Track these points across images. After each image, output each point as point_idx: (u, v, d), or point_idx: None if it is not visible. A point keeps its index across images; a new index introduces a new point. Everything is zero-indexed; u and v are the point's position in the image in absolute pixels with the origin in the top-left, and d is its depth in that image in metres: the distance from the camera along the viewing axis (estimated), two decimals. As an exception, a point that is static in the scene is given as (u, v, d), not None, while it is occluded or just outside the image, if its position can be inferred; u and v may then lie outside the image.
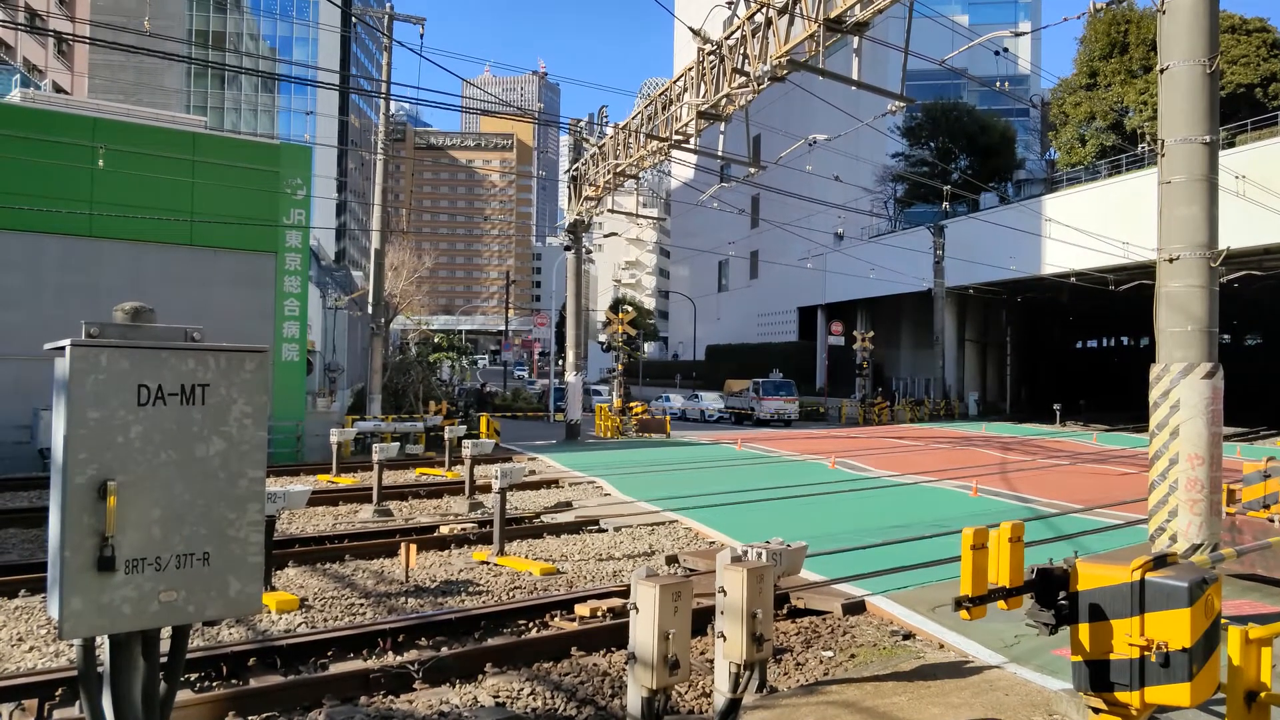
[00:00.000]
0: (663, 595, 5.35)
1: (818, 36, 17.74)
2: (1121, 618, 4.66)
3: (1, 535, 14.24)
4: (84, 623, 3.51)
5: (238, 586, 3.89)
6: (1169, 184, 9.76)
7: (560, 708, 7.18)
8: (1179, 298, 9.61)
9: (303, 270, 27.26)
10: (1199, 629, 4.51)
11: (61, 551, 3.48)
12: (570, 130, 35.68)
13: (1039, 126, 79.14)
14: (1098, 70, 58.62)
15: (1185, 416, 9.44)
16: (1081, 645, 4.81)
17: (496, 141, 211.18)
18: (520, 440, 32.00)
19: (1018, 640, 8.06)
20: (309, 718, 6.86)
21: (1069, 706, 6.38)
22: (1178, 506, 9.46)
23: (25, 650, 8.45)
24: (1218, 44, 9.71)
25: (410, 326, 69.29)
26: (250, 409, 3.93)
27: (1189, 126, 9.62)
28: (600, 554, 13.16)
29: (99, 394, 3.55)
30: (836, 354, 65.82)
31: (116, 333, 3.71)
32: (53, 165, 22.75)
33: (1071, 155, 60.73)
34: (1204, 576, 4.64)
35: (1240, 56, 52.39)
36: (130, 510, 3.60)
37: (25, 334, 21.68)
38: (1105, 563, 4.84)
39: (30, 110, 24.68)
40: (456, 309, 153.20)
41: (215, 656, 7.72)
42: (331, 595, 10.57)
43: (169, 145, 24.96)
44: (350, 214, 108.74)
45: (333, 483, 20.68)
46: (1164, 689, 4.55)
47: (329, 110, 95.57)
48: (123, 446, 3.60)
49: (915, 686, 7.10)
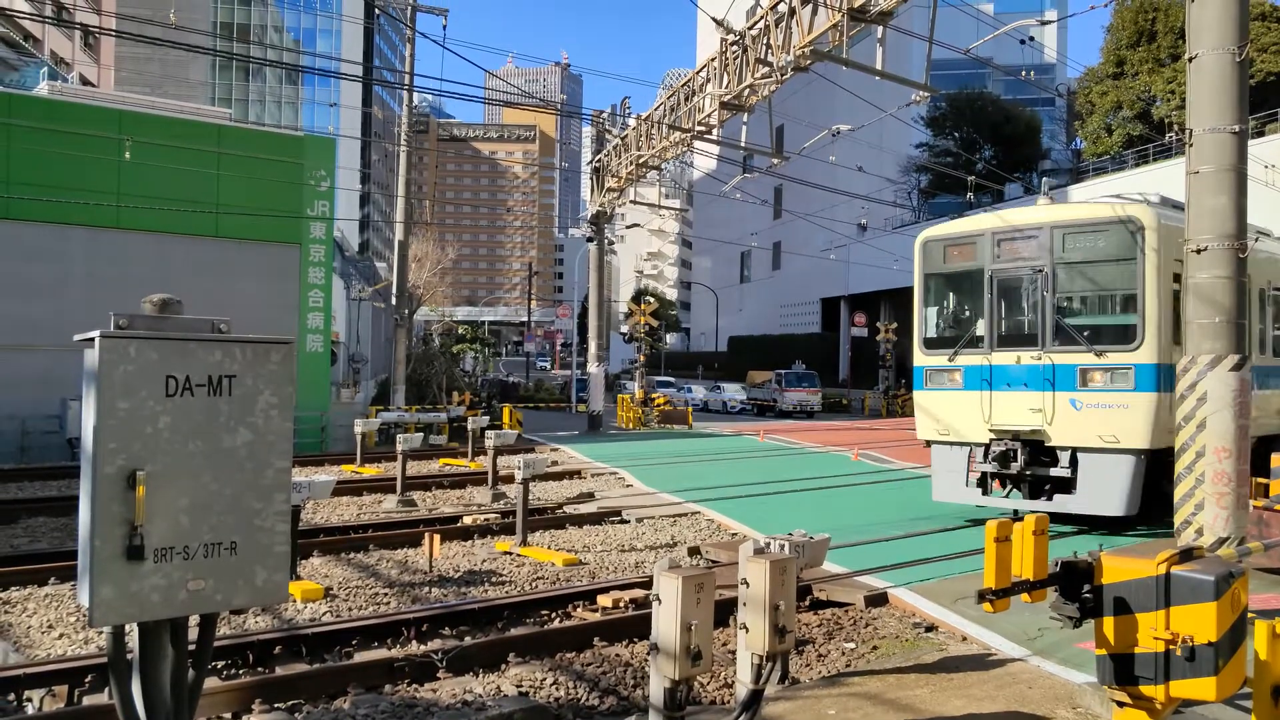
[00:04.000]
0: (685, 587, 5.35)
1: (841, 26, 17.63)
2: (1147, 611, 4.63)
3: (31, 524, 14.41)
4: (114, 610, 3.56)
5: (264, 575, 3.93)
6: (1197, 174, 9.65)
7: (583, 697, 7.21)
8: (1206, 289, 9.52)
9: (327, 262, 27.41)
10: (1225, 623, 4.48)
11: (91, 540, 3.52)
12: (593, 121, 35.65)
13: (1065, 116, 78.39)
14: (1125, 59, 58.06)
15: (1212, 409, 9.35)
16: (1106, 639, 4.79)
17: (519, 133, 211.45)
18: (543, 431, 32.07)
19: (1041, 633, 8.03)
20: (334, 706, 6.92)
21: (1093, 700, 6.35)
22: (1204, 500, 9.38)
23: (55, 637, 8.56)
24: (1248, 31, 9.59)
25: (434, 318, 69.57)
26: (276, 400, 3.96)
27: (1217, 116, 9.51)
28: (622, 545, 13.20)
29: (128, 385, 3.59)
30: (859, 345, 65.61)
31: (145, 324, 3.75)
32: (80, 157, 22.95)
33: (1098, 145, 60.23)
34: (1230, 570, 4.61)
35: (1270, 44, 51.75)
36: (159, 500, 3.64)
37: (52, 325, 21.87)
38: (1131, 556, 4.82)
39: (57, 103, 24.90)
40: (479, 300, 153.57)
41: (242, 645, 7.79)
42: (356, 585, 10.64)
43: (194, 137, 25.13)
44: (374, 205, 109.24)
45: (357, 473, 20.81)
46: (1189, 683, 4.52)
47: (352, 102, 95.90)
48: (151, 437, 3.64)
49: (938, 679, 7.08)
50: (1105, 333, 13.23)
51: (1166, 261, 12.49)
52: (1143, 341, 12.50)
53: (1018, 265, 13.73)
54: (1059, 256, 13.24)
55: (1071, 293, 13.76)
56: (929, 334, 15.11)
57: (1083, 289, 13.82)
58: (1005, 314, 14.18)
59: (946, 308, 15.38)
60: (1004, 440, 13.44)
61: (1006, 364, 13.61)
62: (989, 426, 13.62)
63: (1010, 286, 14.01)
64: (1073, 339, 13.08)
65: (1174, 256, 12.21)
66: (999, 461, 13.40)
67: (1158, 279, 12.51)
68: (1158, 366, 12.37)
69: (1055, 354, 13.11)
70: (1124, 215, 12.78)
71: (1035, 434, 13.19)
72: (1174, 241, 12.16)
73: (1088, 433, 12.77)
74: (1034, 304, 13.53)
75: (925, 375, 14.69)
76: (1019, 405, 13.38)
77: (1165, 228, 12.60)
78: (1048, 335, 13.23)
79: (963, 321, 14.92)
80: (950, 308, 15.34)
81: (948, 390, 14.31)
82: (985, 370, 13.80)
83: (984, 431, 13.69)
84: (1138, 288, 12.65)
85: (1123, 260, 12.88)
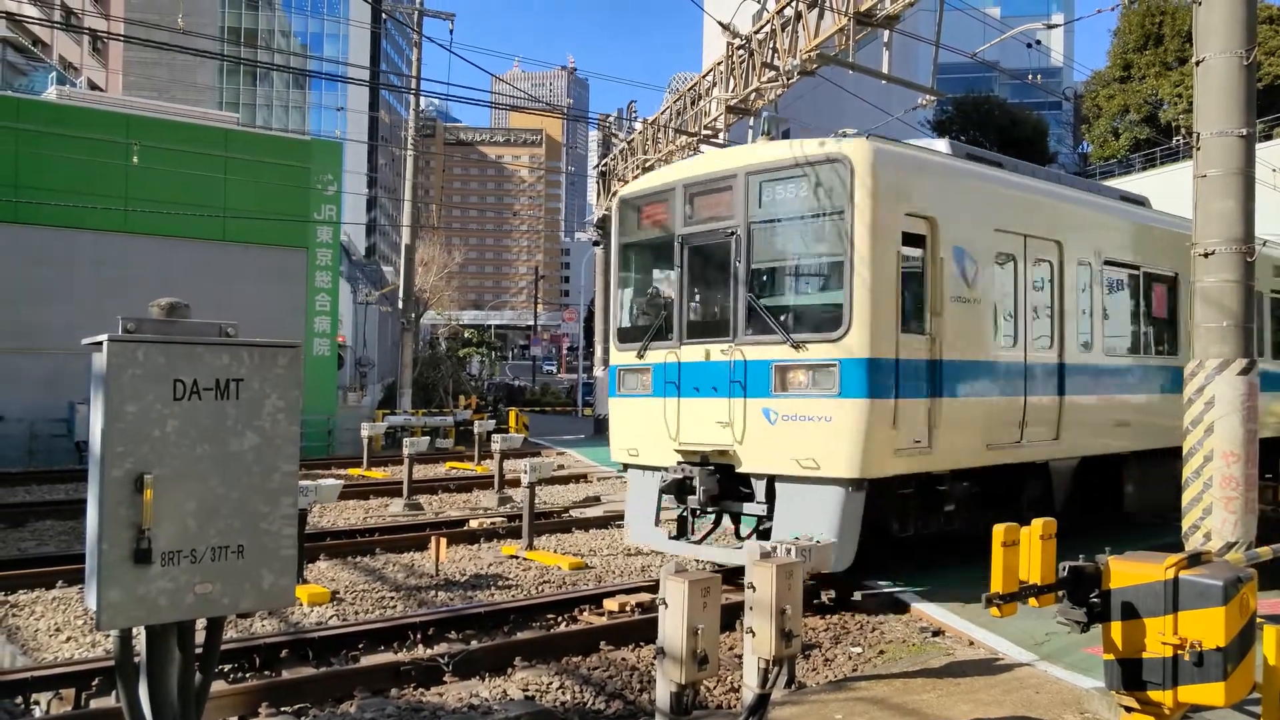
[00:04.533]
0: (691, 591, 5.35)
1: (848, 30, 17.64)
2: (1155, 616, 4.62)
3: (39, 527, 14.46)
4: (121, 614, 3.57)
5: (271, 579, 3.94)
6: (1204, 178, 9.63)
7: (589, 701, 7.21)
8: (1214, 293, 9.49)
9: (333, 265, 27.48)
10: (1234, 628, 4.46)
11: (99, 543, 3.53)
12: (599, 125, 35.73)
13: (1072, 120, 78.38)
14: (1132, 62, 57.92)
15: (1220, 413, 9.32)
16: (1114, 643, 4.78)
17: (526, 137, 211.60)
18: (549, 434, 32.09)
19: (1048, 638, 8.00)
20: (340, 709, 6.92)
21: (1100, 705, 6.32)
22: (1212, 504, 9.35)
23: (63, 640, 8.58)
24: (1255, 35, 9.56)
25: (440, 322, 69.63)
26: (283, 404, 3.97)
27: (1225, 119, 9.48)
28: (629, 549, 13.19)
29: (136, 388, 3.60)
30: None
31: (153, 328, 3.76)
32: (88, 161, 23.03)
33: (1105, 149, 60.09)
34: (1239, 575, 4.60)
35: (1278, 48, 51.60)
36: (166, 503, 3.65)
37: (60, 328, 21.95)
38: (1138, 560, 4.81)
39: (66, 107, 25.02)
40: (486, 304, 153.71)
41: (249, 648, 7.80)
42: (362, 588, 10.65)
43: (202, 141, 25.22)
44: (380, 209, 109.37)
45: (364, 476, 20.84)
46: (1198, 688, 4.51)
47: (359, 106, 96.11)
48: (159, 440, 3.65)
49: (944, 683, 7.06)
50: (807, 317, 9.93)
51: (889, 217, 9.39)
52: (850, 328, 9.13)
53: (711, 228, 10.37)
54: (755, 214, 9.95)
55: (770, 262, 10.39)
56: (624, 323, 11.87)
57: (784, 257, 10.44)
58: (699, 295, 10.86)
59: (642, 288, 12.00)
60: (684, 465, 10.08)
61: (696, 361, 10.30)
62: (676, 445, 10.29)
63: (704, 257, 10.61)
64: (769, 327, 9.71)
65: (904, 211, 9.54)
66: (674, 493, 10.10)
67: (873, 241, 9.18)
68: (871, 362, 9.09)
69: (748, 347, 9.76)
70: (830, 153, 9.41)
71: (724, 455, 9.91)
72: (903, 191, 9.61)
73: (783, 455, 9.39)
74: (728, 280, 10.18)
75: (619, 376, 11.43)
76: (707, 417, 10.09)
77: (888, 172, 9.46)
78: (740, 322, 9.90)
79: (658, 306, 11.47)
80: (646, 288, 11.95)
81: (638, 397, 11.00)
82: (674, 370, 10.51)
83: (671, 452, 10.33)
84: (844, 253, 9.29)
85: (828, 215, 9.51)
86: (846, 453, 9.03)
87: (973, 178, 11.16)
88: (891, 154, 9.77)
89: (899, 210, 9.50)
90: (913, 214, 9.65)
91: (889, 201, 9.37)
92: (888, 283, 9.27)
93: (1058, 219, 11.90)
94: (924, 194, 9.89)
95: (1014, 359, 11.03)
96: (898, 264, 9.38)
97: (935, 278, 9.87)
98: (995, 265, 10.85)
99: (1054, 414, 11.47)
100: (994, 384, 10.70)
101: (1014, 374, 10.96)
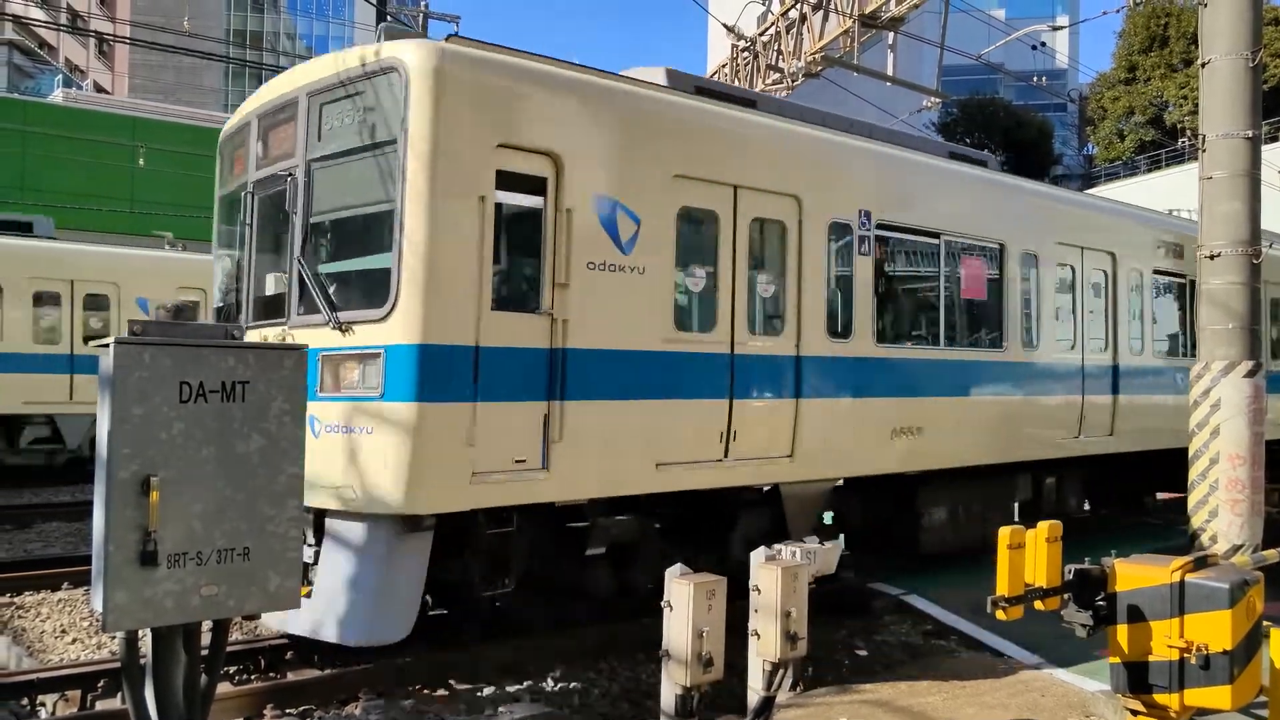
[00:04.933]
0: (697, 593, 5.36)
1: (852, 32, 17.66)
2: (1161, 619, 4.62)
3: (45, 528, 14.47)
4: (127, 616, 3.58)
5: (277, 581, 3.95)
6: (1210, 180, 9.61)
7: (595, 703, 7.21)
8: (1220, 295, 9.47)
9: (338, 267, 27.50)
10: (1240, 631, 4.45)
11: (105, 545, 3.54)
12: (603, 127, 35.67)
13: (1077, 121, 78.20)
14: (1137, 64, 57.86)
15: (1226, 415, 9.29)
16: (1120, 647, 4.77)
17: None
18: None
19: (1054, 641, 7.99)
20: (345, 711, 6.92)
21: (1106, 708, 6.31)
22: (1218, 507, 9.33)
23: (69, 642, 8.59)
24: (1261, 37, 9.55)
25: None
26: (289, 406, 3.98)
27: (1231, 121, 9.47)
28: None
29: (142, 391, 3.61)
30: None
31: (159, 331, 3.77)
32: (94, 164, 23.09)
33: (1110, 150, 60.02)
34: (1245, 578, 4.59)
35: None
36: (172, 505, 3.65)
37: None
38: (1144, 563, 4.80)
39: (72, 110, 25.09)
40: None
41: (254, 649, 7.80)
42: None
43: (208, 144, 25.16)
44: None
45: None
46: (1204, 691, 4.50)
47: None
48: (165, 442, 3.66)
49: (950, 686, 7.05)
50: (357, 288, 7.42)
51: (468, 150, 6.90)
52: (396, 303, 6.69)
53: (276, 170, 7.83)
54: (314, 149, 7.50)
55: (328, 215, 7.73)
56: (216, 302, 9.77)
57: (343, 207, 7.74)
58: (270, 262, 8.18)
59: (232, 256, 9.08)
60: None
61: None
62: None
63: (273, 209, 7.95)
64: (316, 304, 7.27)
65: (498, 142, 7.00)
66: None
67: (433, 181, 6.71)
68: (427, 350, 6.64)
69: (301, 330, 7.33)
70: (384, 61, 7.02)
71: None
72: (498, 115, 7.06)
73: (326, 481, 6.85)
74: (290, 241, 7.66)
75: None
76: None
77: (464, 87, 6.93)
78: (294, 298, 7.54)
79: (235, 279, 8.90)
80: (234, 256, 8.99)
81: None
82: None
83: None
84: (396, 198, 6.80)
85: (380, 148, 7.05)
86: (390, 477, 6.59)
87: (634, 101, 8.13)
88: (475, 60, 7.14)
89: (488, 141, 6.94)
90: (517, 147, 7.09)
91: (468, 128, 6.87)
92: (463, 242, 6.77)
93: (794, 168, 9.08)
94: (540, 121, 7.26)
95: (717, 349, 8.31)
96: (483, 216, 6.87)
97: (560, 237, 7.29)
98: (677, 224, 8.10)
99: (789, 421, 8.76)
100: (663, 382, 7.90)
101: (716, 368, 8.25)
